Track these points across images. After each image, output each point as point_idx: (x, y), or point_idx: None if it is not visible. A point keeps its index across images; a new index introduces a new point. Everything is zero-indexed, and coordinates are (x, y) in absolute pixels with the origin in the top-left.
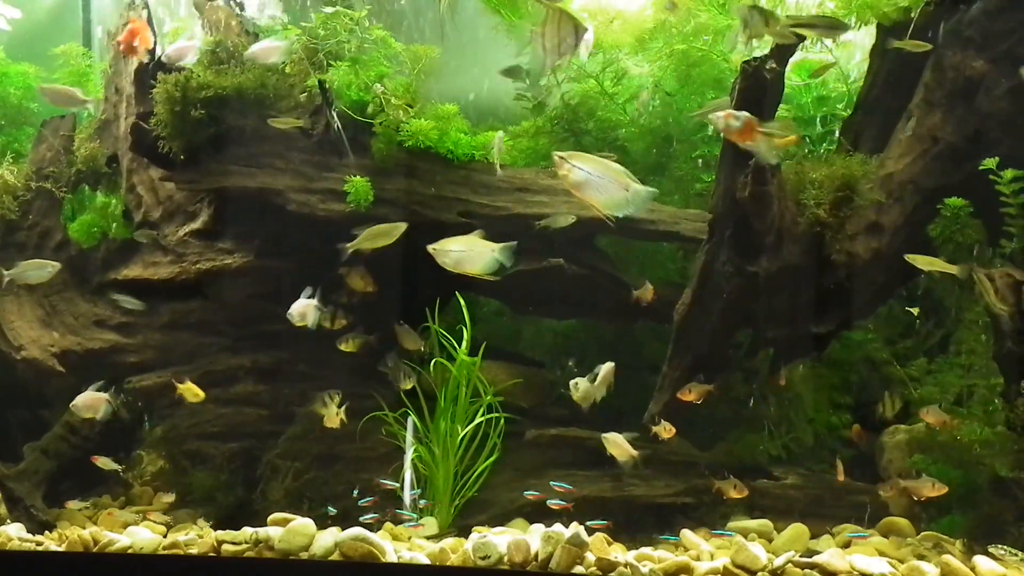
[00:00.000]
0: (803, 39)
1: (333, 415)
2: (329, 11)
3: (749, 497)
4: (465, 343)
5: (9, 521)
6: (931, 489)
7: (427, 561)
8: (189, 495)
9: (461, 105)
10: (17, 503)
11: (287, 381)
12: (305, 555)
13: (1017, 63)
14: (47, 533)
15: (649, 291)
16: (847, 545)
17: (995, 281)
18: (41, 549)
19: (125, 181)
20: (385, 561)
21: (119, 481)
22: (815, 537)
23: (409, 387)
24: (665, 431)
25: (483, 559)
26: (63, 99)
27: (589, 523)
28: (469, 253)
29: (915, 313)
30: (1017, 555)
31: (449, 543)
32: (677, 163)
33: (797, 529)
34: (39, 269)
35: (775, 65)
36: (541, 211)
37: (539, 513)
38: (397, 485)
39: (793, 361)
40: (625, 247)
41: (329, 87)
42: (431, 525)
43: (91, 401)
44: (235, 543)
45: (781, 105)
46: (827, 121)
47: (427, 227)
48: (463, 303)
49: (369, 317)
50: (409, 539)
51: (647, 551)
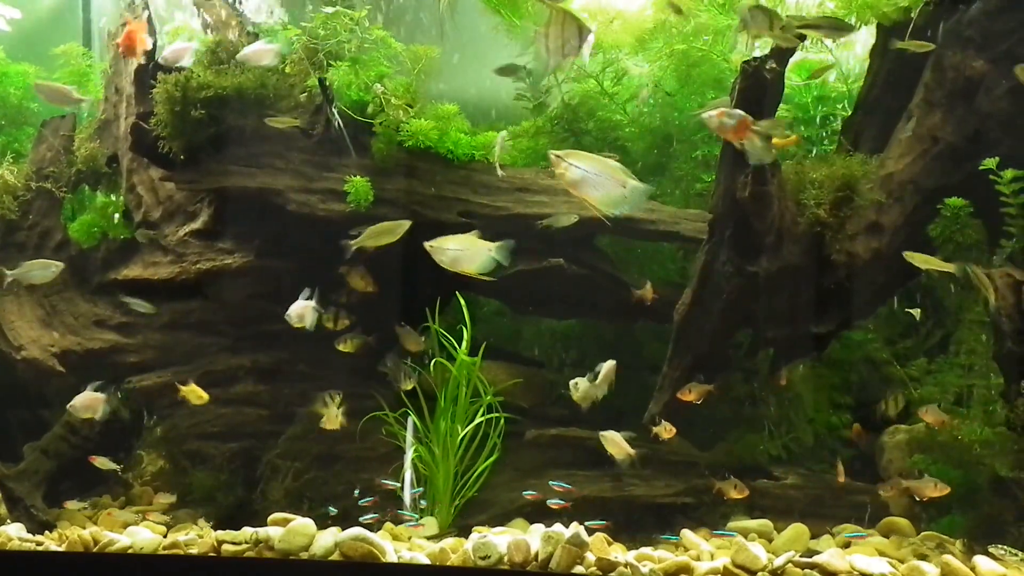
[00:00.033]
0: (804, 39)
1: (333, 417)
2: (329, 11)
3: (749, 497)
4: (465, 343)
5: (9, 521)
6: (933, 489)
7: (427, 561)
8: (189, 495)
9: (461, 105)
10: (17, 503)
11: (287, 381)
12: (305, 555)
13: (1017, 63)
14: (47, 533)
15: (649, 290)
16: (847, 545)
17: (995, 281)
18: (41, 549)
19: (125, 181)
20: (385, 561)
21: (119, 481)
22: (815, 537)
23: (410, 388)
24: (666, 431)
25: (483, 559)
26: (58, 96)
27: (588, 523)
28: (466, 252)
29: (915, 314)
30: (1017, 555)
31: (449, 543)
32: (677, 163)
33: (797, 529)
34: (43, 269)
35: (775, 65)
36: (541, 211)
37: (539, 513)
38: (398, 485)
39: (793, 361)
40: (625, 247)
41: (329, 85)
42: (431, 525)
43: (89, 401)
44: (235, 543)
45: (781, 105)
46: (827, 122)
47: (427, 227)
48: (463, 303)
49: (369, 317)
50: (409, 539)
51: (647, 551)
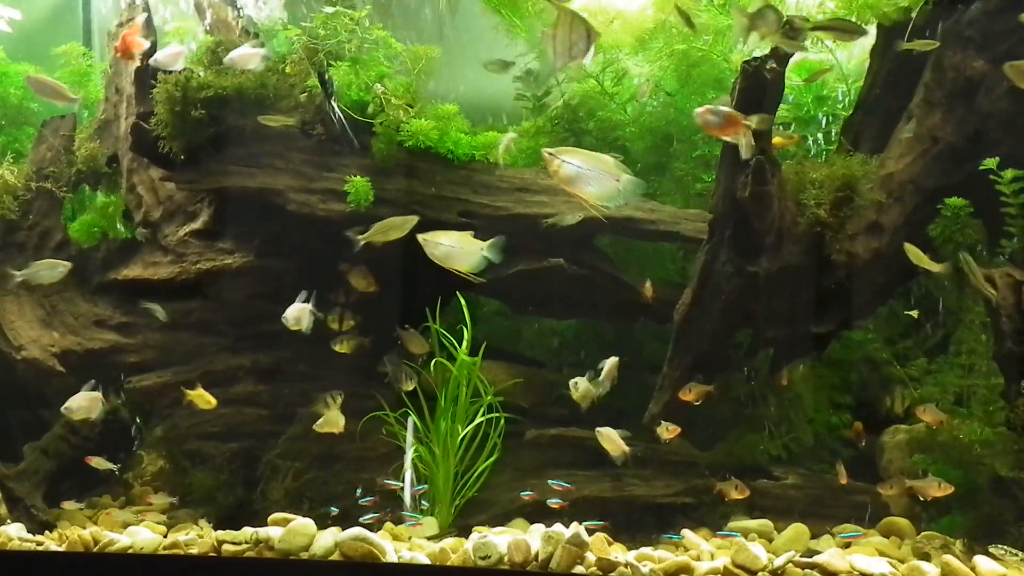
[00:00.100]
0: (804, 40)
1: (333, 419)
2: (329, 11)
3: (749, 497)
4: (465, 343)
5: (9, 521)
6: (937, 489)
7: (427, 561)
8: (189, 495)
9: (464, 106)
10: (17, 503)
11: (287, 381)
12: (305, 555)
13: None
14: (47, 533)
15: (649, 288)
16: (847, 545)
17: (995, 281)
18: (41, 549)
19: (125, 181)
20: (385, 561)
21: (119, 481)
22: (815, 537)
23: (410, 388)
24: (668, 431)
25: (483, 559)
26: (50, 92)
27: (586, 524)
28: (458, 249)
29: (915, 315)
30: (1017, 555)
31: (449, 543)
32: (677, 163)
33: (797, 529)
34: (50, 269)
35: (775, 65)
36: (541, 211)
37: (539, 513)
38: (401, 485)
39: (793, 361)
40: (625, 247)
41: (330, 78)
42: (431, 525)
43: (84, 402)
44: (235, 543)
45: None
46: (828, 122)
47: (428, 227)
48: (463, 303)
49: (368, 317)
50: (409, 539)
51: (647, 551)
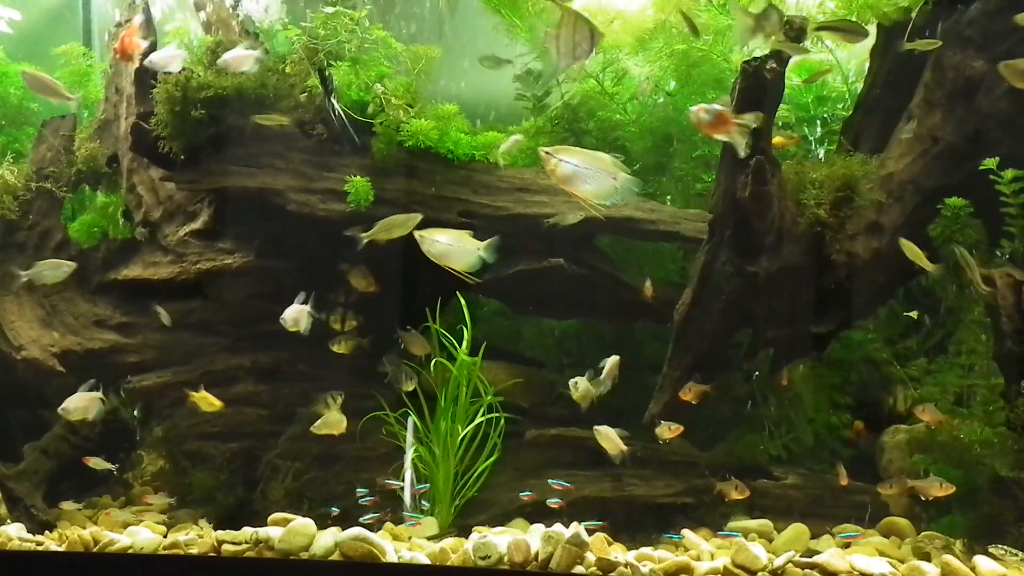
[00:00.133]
0: (804, 39)
1: (331, 421)
2: (329, 11)
3: (749, 497)
4: (465, 343)
5: (9, 521)
6: (939, 489)
7: (427, 561)
8: (189, 495)
9: (465, 106)
10: (17, 503)
11: (287, 381)
12: (305, 555)
13: None
14: (47, 533)
15: (649, 287)
16: (847, 545)
17: (994, 280)
18: (41, 549)
19: (125, 181)
20: (385, 561)
21: (119, 481)
22: (815, 537)
23: (410, 389)
24: (670, 431)
25: (483, 559)
26: (46, 88)
27: (585, 524)
28: (455, 248)
29: (914, 316)
30: (1017, 555)
31: (449, 543)
32: (677, 163)
33: (797, 529)
34: (55, 269)
35: (775, 65)
36: (541, 211)
37: (539, 513)
38: (403, 485)
39: (793, 361)
40: (625, 247)
41: (330, 75)
42: (431, 525)
43: (81, 403)
44: (235, 543)
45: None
46: (828, 121)
47: (427, 227)
48: (463, 303)
49: (368, 317)
50: (409, 539)
51: (647, 551)
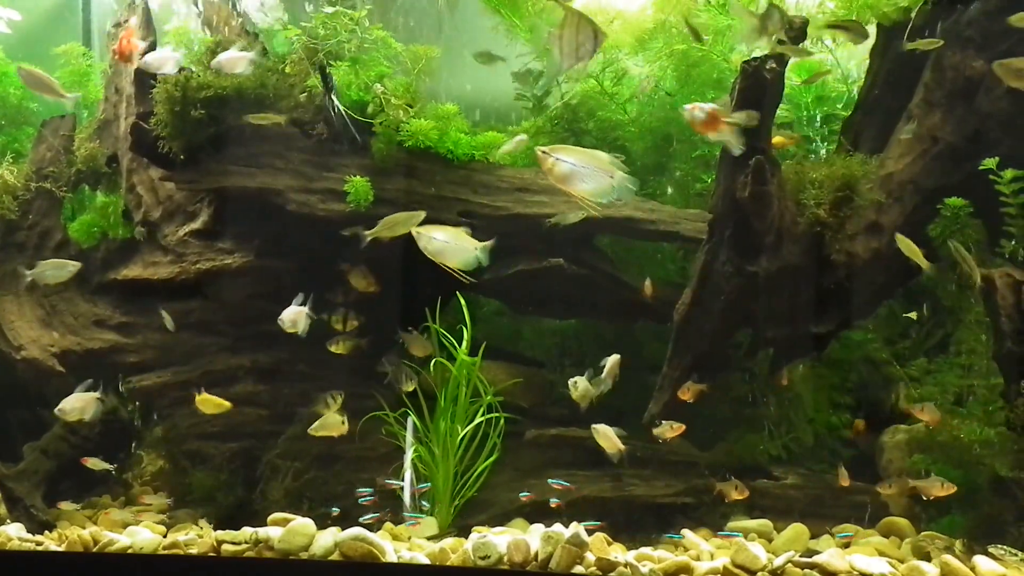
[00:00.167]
0: (804, 39)
1: (329, 423)
2: (329, 11)
3: (749, 497)
4: (465, 343)
5: (9, 521)
6: (940, 489)
7: (427, 561)
8: (189, 495)
9: (463, 105)
10: (17, 503)
11: (287, 381)
12: (305, 555)
13: None
14: (47, 533)
15: (649, 286)
16: (847, 545)
17: (994, 280)
18: (41, 549)
19: (125, 181)
20: (385, 561)
21: (119, 481)
22: (815, 537)
23: (410, 389)
24: (672, 430)
25: (483, 559)
26: (42, 86)
27: (584, 524)
28: (451, 245)
29: (914, 317)
30: (1017, 555)
31: (449, 543)
32: (677, 163)
33: (797, 529)
34: (59, 269)
35: (775, 65)
36: (541, 211)
37: (539, 513)
38: (405, 484)
39: (793, 361)
40: (625, 247)
41: (330, 72)
42: (431, 525)
43: (78, 403)
44: (235, 543)
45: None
46: (827, 121)
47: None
48: (463, 303)
49: (367, 317)
50: (409, 539)
51: (647, 551)
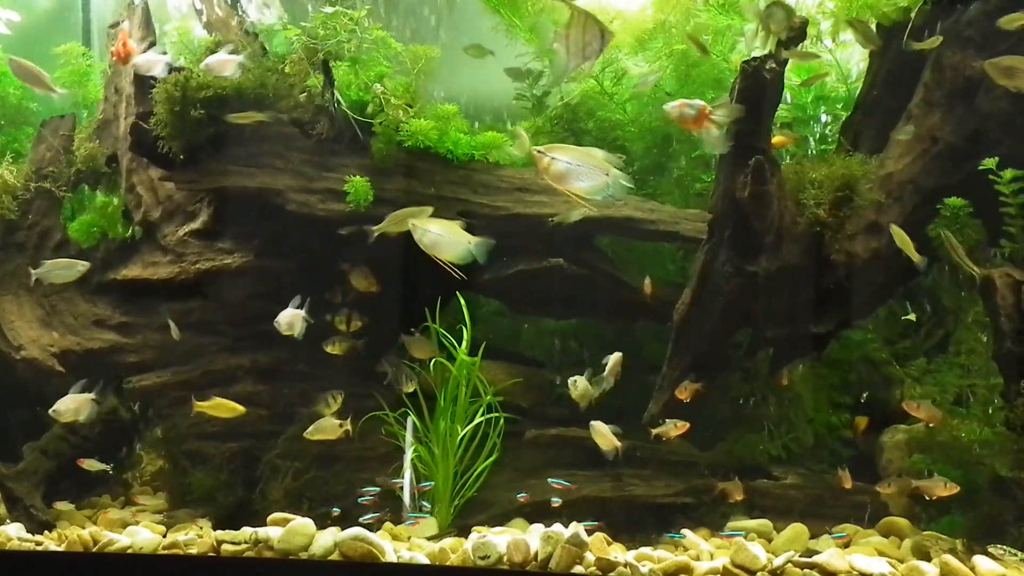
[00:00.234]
0: (804, 38)
1: (327, 427)
2: (329, 11)
3: (749, 497)
4: (465, 343)
5: (9, 521)
6: (943, 489)
7: (427, 561)
8: (189, 495)
9: (463, 105)
10: (17, 503)
11: (287, 381)
12: (305, 555)
13: None
14: (47, 533)
15: (649, 285)
16: (846, 545)
17: (994, 280)
18: (41, 549)
19: (125, 181)
20: (385, 561)
21: (119, 481)
22: (815, 537)
23: (411, 390)
24: (676, 428)
25: (483, 559)
26: (31, 78)
27: (583, 524)
28: (446, 239)
29: (913, 319)
30: (1017, 555)
31: (449, 543)
32: (677, 163)
33: (797, 529)
34: (67, 269)
35: (775, 65)
36: (541, 211)
37: (539, 513)
38: (405, 484)
39: (793, 361)
40: (625, 247)
41: (332, 65)
42: (431, 525)
43: (72, 404)
44: (235, 543)
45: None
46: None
47: None
48: (463, 303)
49: (367, 316)
50: (408, 539)
51: (647, 551)
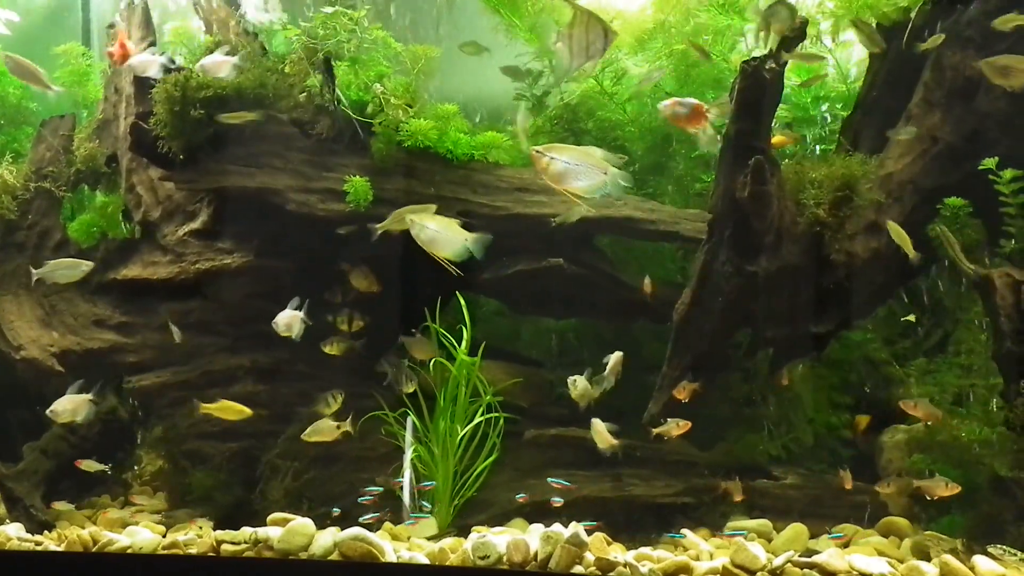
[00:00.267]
0: (804, 38)
1: (324, 429)
2: (329, 11)
3: (749, 497)
4: (465, 343)
5: (9, 521)
6: (944, 489)
7: (426, 561)
8: (189, 495)
9: (463, 104)
10: (16, 503)
11: (286, 381)
12: (304, 555)
13: None
14: (46, 533)
15: (649, 284)
16: (846, 544)
17: (994, 280)
18: (40, 549)
19: (124, 181)
20: (384, 561)
21: (118, 481)
22: (814, 537)
23: (411, 390)
24: (678, 427)
25: (482, 559)
26: (27, 74)
27: (582, 524)
28: (443, 235)
29: (912, 319)
30: (1016, 555)
31: (448, 543)
32: (677, 163)
33: (796, 529)
34: (71, 268)
35: (775, 65)
36: (540, 211)
37: (538, 513)
38: (404, 483)
39: (793, 361)
40: (625, 247)
41: (334, 62)
42: (430, 525)
43: (69, 405)
44: (234, 543)
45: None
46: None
47: None
48: (463, 303)
49: (367, 317)
50: (408, 539)
51: (646, 551)
